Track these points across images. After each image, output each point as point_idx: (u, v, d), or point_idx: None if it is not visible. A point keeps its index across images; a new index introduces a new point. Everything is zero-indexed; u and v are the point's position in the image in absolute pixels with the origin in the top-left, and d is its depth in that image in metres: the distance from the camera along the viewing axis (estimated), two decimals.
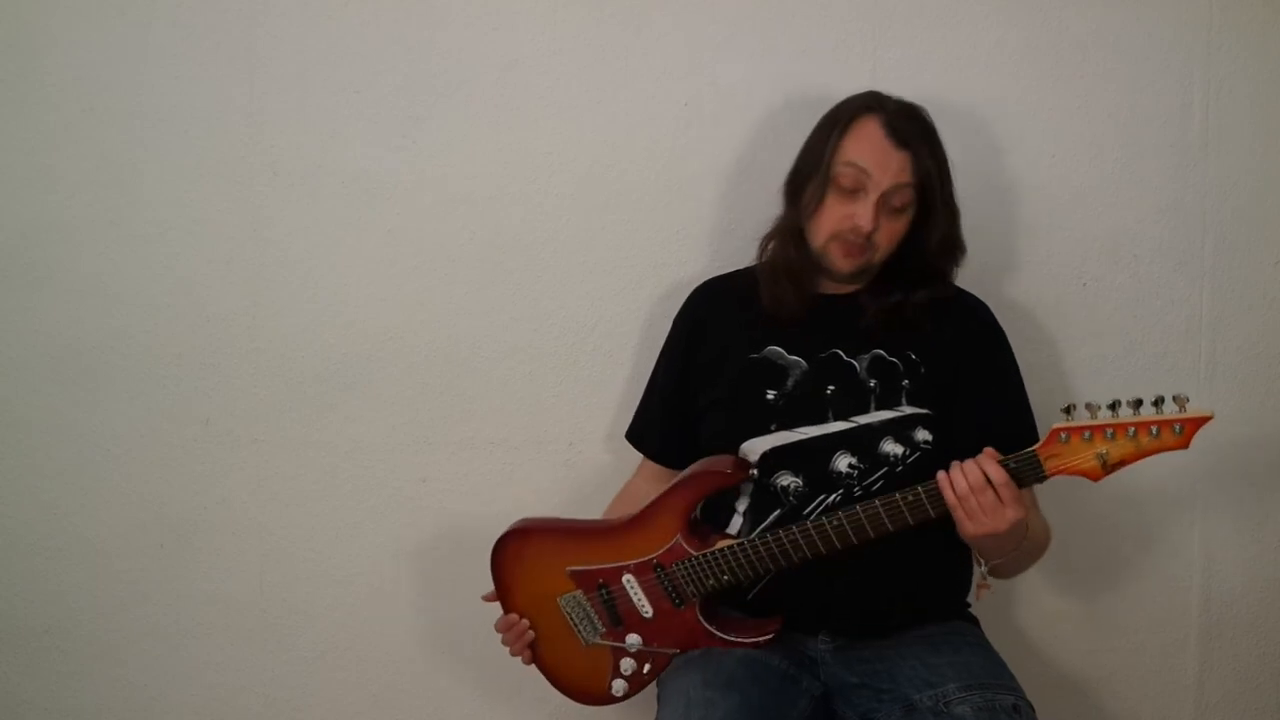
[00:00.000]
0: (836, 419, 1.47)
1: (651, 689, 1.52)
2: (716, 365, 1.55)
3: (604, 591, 1.49)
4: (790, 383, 1.50)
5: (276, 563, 1.86)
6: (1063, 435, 1.28)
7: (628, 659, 1.50)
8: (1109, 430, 1.26)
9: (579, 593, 1.50)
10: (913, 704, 1.37)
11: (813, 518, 1.39)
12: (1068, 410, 1.28)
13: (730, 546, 1.42)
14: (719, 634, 1.46)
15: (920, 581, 1.48)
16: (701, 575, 1.44)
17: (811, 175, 1.48)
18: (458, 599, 1.84)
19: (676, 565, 1.45)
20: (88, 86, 1.80)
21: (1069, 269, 1.77)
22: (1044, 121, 1.75)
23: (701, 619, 1.46)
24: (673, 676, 1.46)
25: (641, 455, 1.68)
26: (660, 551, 1.46)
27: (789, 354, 1.51)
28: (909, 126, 1.44)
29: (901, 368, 1.48)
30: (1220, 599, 1.81)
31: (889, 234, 1.45)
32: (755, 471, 1.47)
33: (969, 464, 1.32)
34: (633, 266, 1.80)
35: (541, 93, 1.78)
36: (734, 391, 1.52)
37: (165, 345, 1.83)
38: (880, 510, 1.35)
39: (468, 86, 1.78)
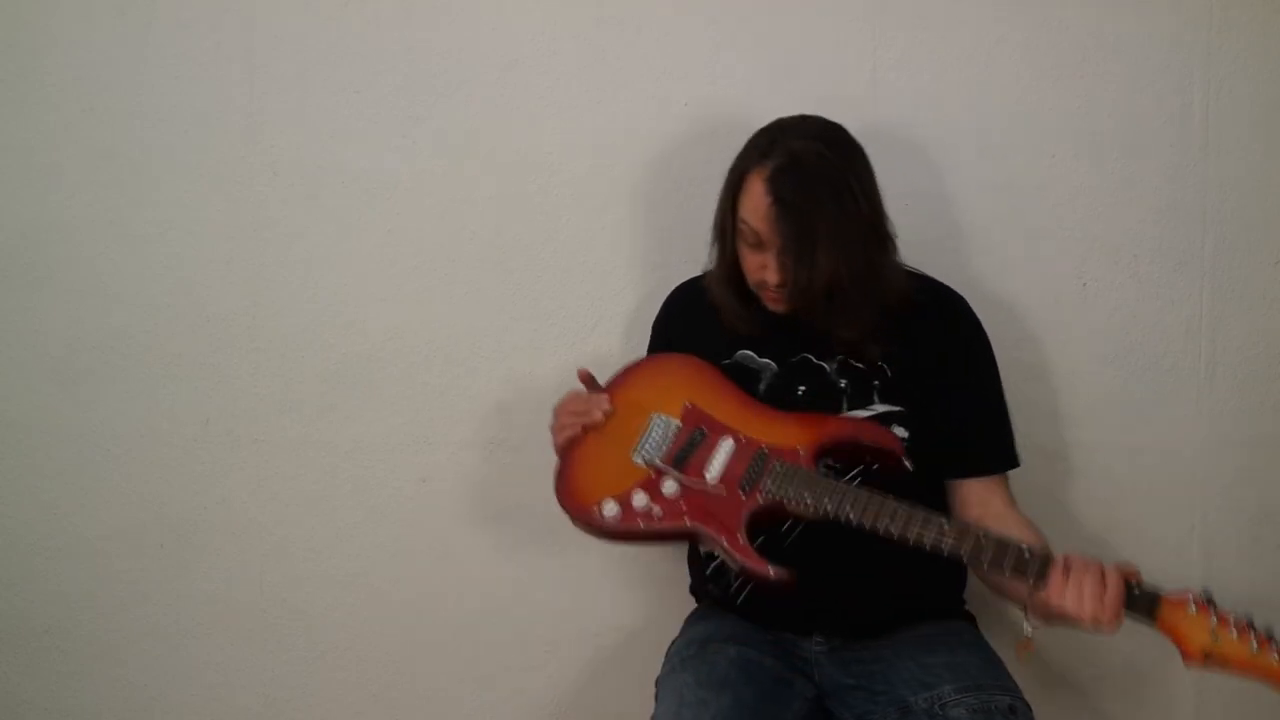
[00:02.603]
0: None
1: (649, 689, 1.51)
2: None
3: (698, 434, 1.45)
4: (762, 386, 1.50)
5: (276, 563, 1.86)
6: (1193, 606, 1.23)
7: (640, 493, 1.41)
8: (1235, 630, 1.21)
9: (678, 421, 1.47)
10: (908, 706, 1.37)
11: (923, 513, 1.32)
12: (1209, 599, 1.24)
13: (836, 480, 1.37)
14: (741, 538, 1.36)
15: (915, 580, 1.47)
16: (789, 481, 1.38)
17: (723, 228, 1.46)
18: (458, 599, 1.85)
19: (779, 462, 1.41)
20: (88, 86, 1.80)
21: (1069, 269, 1.76)
22: (1044, 121, 1.75)
23: (745, 516, 1.38)
24: (667, 676, 1.46)
25: None
26: (777, 444, 1.42)
27: (760, 357, 1.51)
28: (787, 183, 1.37)
29: (867, 370, 1.47)
30: (1220, 600, 1.80)
31: (805, 274, 1.39)
32: (910, 466, 1.41)
33: (1096, 560, 1.27)
34: (633, 266, 1.80)
35: (541, 93, 1.78)
36: None
37: (165, 345, 1.83)
38: (991, 542, 1.28)
39: (468, 86, 1.78)
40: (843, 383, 1.48)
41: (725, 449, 1.43)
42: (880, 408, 1.46)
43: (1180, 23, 1.73)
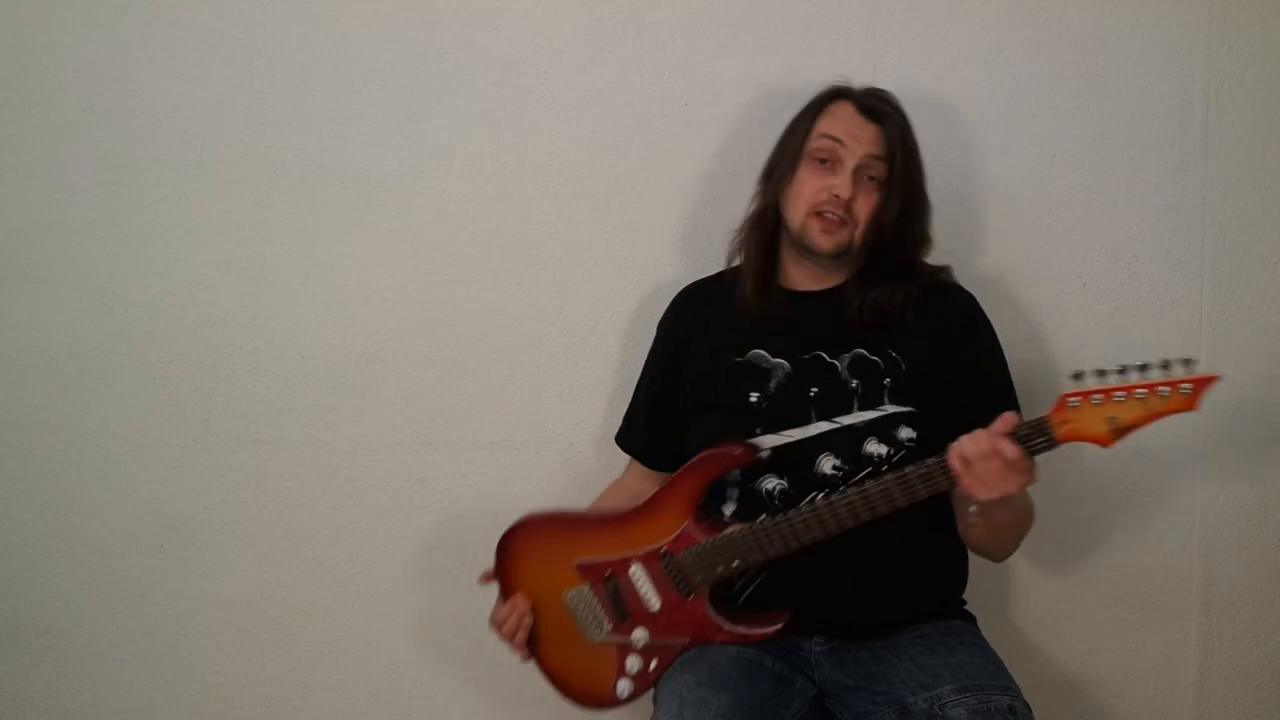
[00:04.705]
0: (820, 420, 1.47)
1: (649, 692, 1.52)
2: (700, 370, 1.56)
3: (611, 584, 1.48)
4: (773, 385, 1.50)
5: (276, 563, 1.86)
6: (1072, 400, 1.26)
7: (633, 656, 1.48)
8: (1119, 394, 1.24)
9: (585, 587, 1.50)
10: (907, 706, 1.37)
11: (820, 498, 1.38)
12: (1077, 376, 1.26)
13: (741, 530, 1.41)
14: (728, 626, 1.44)
15: (915, 580, 1.47)
16: (710, 561, 1.43)
17: (784, 157, 1.52)
18: (458, 599, 1.84)
19: (685, 552, 1.45)
20: (88, 86, 1.80)
21: (1069, 269, 1.76)
22: (1044, 121, 1.75)
23: (710, 610, 1.45)
24: (667, 677, 1.46)
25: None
26: (669, 539, 1.45)
27: (773, 357, 1.51)
28: (879, 104, 1.50)
29: (883, 365, 1.48)
30: (1220, 599, 1.81)
31: (866, 206, 1.47)
32: (766, 454, 1.45)
33: (979, 434, 1.28)
34: (633, 266, 1.80)
35: (541, 93, 1.78)
36: (718, 396, 1.52)
37: (165, 345, 1.83)
38: (891, 485, 1.33)
39: (468, 86, 1.78)
40: (854, 383, 1.48)
41: (640, 577, 1.47)
42: (890, 408, 1.46)
43: (1180, 23, 1.73)
